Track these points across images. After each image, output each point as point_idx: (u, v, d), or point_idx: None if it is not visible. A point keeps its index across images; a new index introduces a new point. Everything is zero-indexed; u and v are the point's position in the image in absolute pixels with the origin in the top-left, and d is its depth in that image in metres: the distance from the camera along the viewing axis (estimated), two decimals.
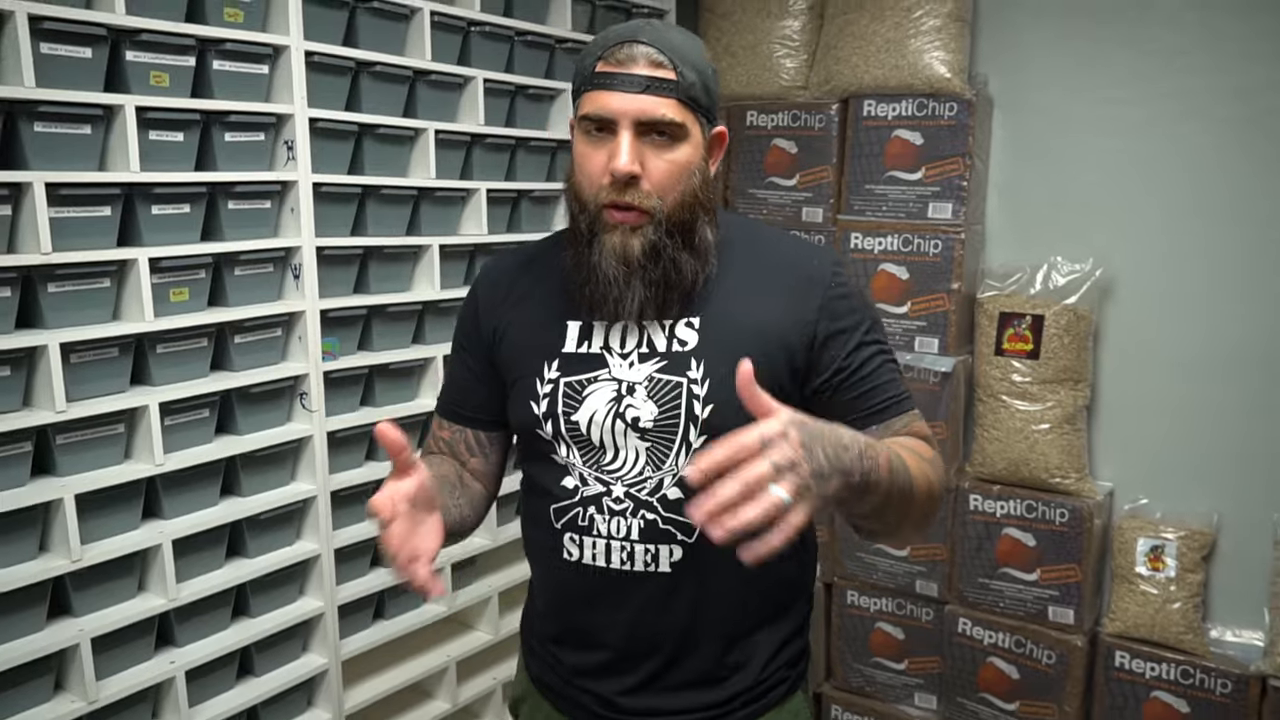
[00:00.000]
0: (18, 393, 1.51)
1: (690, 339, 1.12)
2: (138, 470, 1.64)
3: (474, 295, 1.26)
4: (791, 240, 1.23)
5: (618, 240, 1.07)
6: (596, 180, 1.07)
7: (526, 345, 1.18)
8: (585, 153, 1.08)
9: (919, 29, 2.40)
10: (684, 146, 1.07)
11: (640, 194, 1.06)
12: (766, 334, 1.11)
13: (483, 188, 2.19)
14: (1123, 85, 2.35)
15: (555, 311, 1.17)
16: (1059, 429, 2.36)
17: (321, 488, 1.92)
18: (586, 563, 1.15)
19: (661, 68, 1.04)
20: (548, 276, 1.20)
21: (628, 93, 1.04)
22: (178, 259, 1.68)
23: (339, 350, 1.96)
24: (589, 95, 1.07)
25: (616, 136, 1.05)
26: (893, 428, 1.13)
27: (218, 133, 1.72)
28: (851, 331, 1.13)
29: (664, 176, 1.06)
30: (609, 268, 1.07)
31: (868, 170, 2.53)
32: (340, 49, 1.87)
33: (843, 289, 1.14)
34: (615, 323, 1.12)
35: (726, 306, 1.12)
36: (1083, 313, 2.36)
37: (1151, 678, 2.30)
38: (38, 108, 1.47)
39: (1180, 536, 2.29)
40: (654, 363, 1.11)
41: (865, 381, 1.13)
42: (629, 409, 1.10)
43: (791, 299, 1.12)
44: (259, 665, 1.88)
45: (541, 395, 1.15)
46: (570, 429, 1.13)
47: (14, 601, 1.51)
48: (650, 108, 1.04)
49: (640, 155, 1.05)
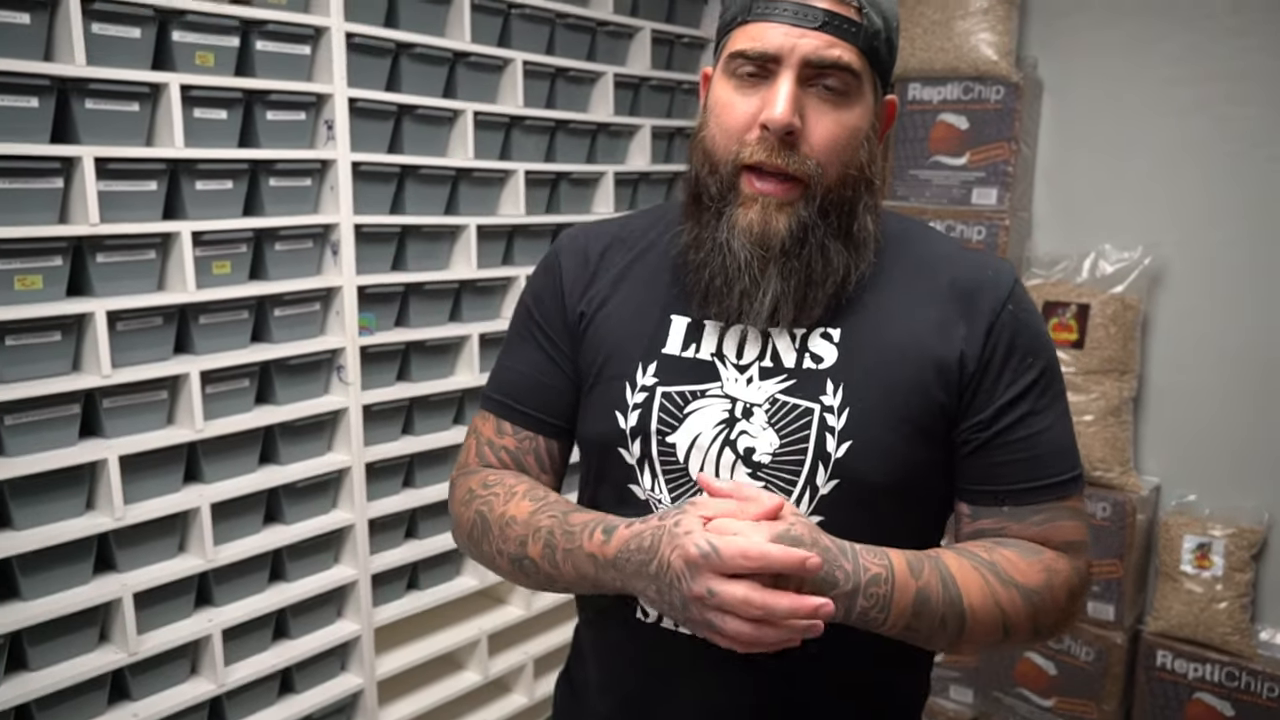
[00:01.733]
0: (67, 357, 1.59)
1: (828, 355, 0.89)
2: (179, 435, 1.71)
3: (554, 266, 1.01)
4: (959, 246, 0.98)
5: (757, 215, 0.85)
6: (739, 133, 0.85)
7: (617, 339, 0.95)
8: (728, 100, 0.86)
9: (966, 11, 2.36)
10: (857, 107, 0.86)
11: (796, 157, 0.84)
12: (923, 358, 0.87)
13: (521, 169, 2.22)
14: (1177, 67, 2.27)
15: (657, 300, 0.94)
16: (1103, 420, 2.31)
17: (356, 459, 1.97)
18: (666, 626, 0.92)
19: (846, 4, 0.84)
20: (649, 254, 0.98)
21: (800, 26, 0.83)
22: (220, 233, 1.75)
23: (376, 326, 2.01)
24: (745, 28, 0.85)
25: (774, 81, 0.84)
26: (1030, 517, 0.89)
27: (260, 111, 1.78)
28: (1021, 373, 0.88)
29: (829, 139, 0.85)
30: (741, 250, 0.85)
31: (912, 155, 2.49)
32: (381, 30, 1.91)
33: (1024, 314, 0.90)
34: (733, 324, 0.90)
35: (876, 318, 0.89)
36: (1130, 302, 2.29)
37: (1195, 679, 2.23)
38: (88, 85, 1.54)
39: (1228, 534, 2.22)
40: (779, 381, 0.89)
41: (1022, 446, 0.88)
42: (742, 436, 0.88)
43: (955, 315, 0.88)
44: (294, 629, 1.94)
45: (631, 405, 0.92)
46: (664, 453, 0.91)
47: (63, 555, 1.58)
48: (825, 48, 0.83)
49: (802, 107, 0.84)
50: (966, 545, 0.91)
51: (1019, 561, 0.87)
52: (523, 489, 0.94)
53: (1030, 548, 0.89)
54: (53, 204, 1.54)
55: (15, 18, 1.45)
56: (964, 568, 0.85)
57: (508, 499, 0.94)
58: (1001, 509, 0.90)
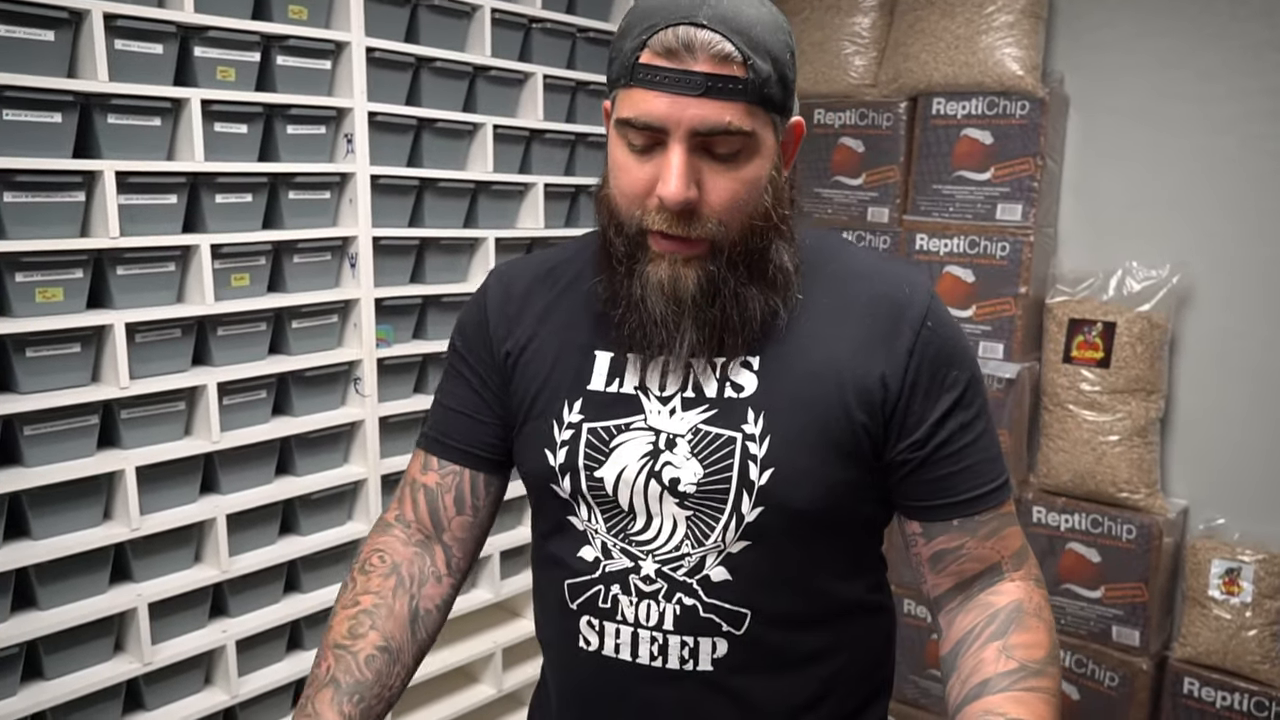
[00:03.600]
0: (86, 369, 1.60)
1: (748, 384, 0.89)
2: (196, 446, 1.72)
3: (481, 302, 1.01)
4: (875, 259, 0.97)
5: (665, 272, 0.85)
6: (638, 199, 0.84)
7: (543, 378, 0.95)
8: (624, 163, 0.85)
9: (990, 25, 2.33)
10: (755, 159, 0.84)
11: (697, 223, 0.83)
12: (843, 381, 0.87)
13: (540, 182, 2.22)
14: (1208, 82, 2.23)
15: (581, 337, 0.94)
16: (1129, 441, 2.26)
17: (372, 471, 1.98)
18: (608, 654, 0.93)
19: (728, 62, 0.79)
20: (572, 290, 0.97)
21: (681, 95, 0.80)
22: (239, 246, 1.76)
23: (393, 338, 2.01)
24: (629, 93, 0.82)
25: (666, 150, 0.82)
26: (979, 530, 0.91)
27: (280, 125, 1.79)
28: (948, 389, 0.89)
29: (728, 199, 0.83)
30: (655, 305, 0.86)
31: (935, 170, 2.47)
32: (401, 45, 1.92)
33: (942, 328, 0.90)
34: (655, 357, 0.90)
35: (794, 344, 0.89)
36: (1158, 320, 2.25)
37: (1223, 707, 2.18)
38: (110, 100, 1.56)
39: (1259, 560, 2.17)
40: (701, 411, 0.89)
41: (957, 459, 0.89)
42: (666, 468, 0.89)
43: (876, 337, 0.89)
44: (308, 639, 1.95)
45: (559, 443, 0.93)
46: (593, 487, 0.91)
47: (79, 565, 1.60)
48: (712, 115, 0.80)
49: (697, 173, 0.82)
50: (991, 652, 0.89)
51: (1028, 637, 0.88)
52: (364, 604, 0.95)
53: (1013, 613, 0.90)
54: (74, 217, 1.56)
55: (40, 35, 1.48)
56: (1027, 703, 0.84)
57: (347, 604, 0.95)
58: (952, 524, 0.91)
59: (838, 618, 0.95)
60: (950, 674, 0.90)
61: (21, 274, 1.51)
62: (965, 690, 0.87)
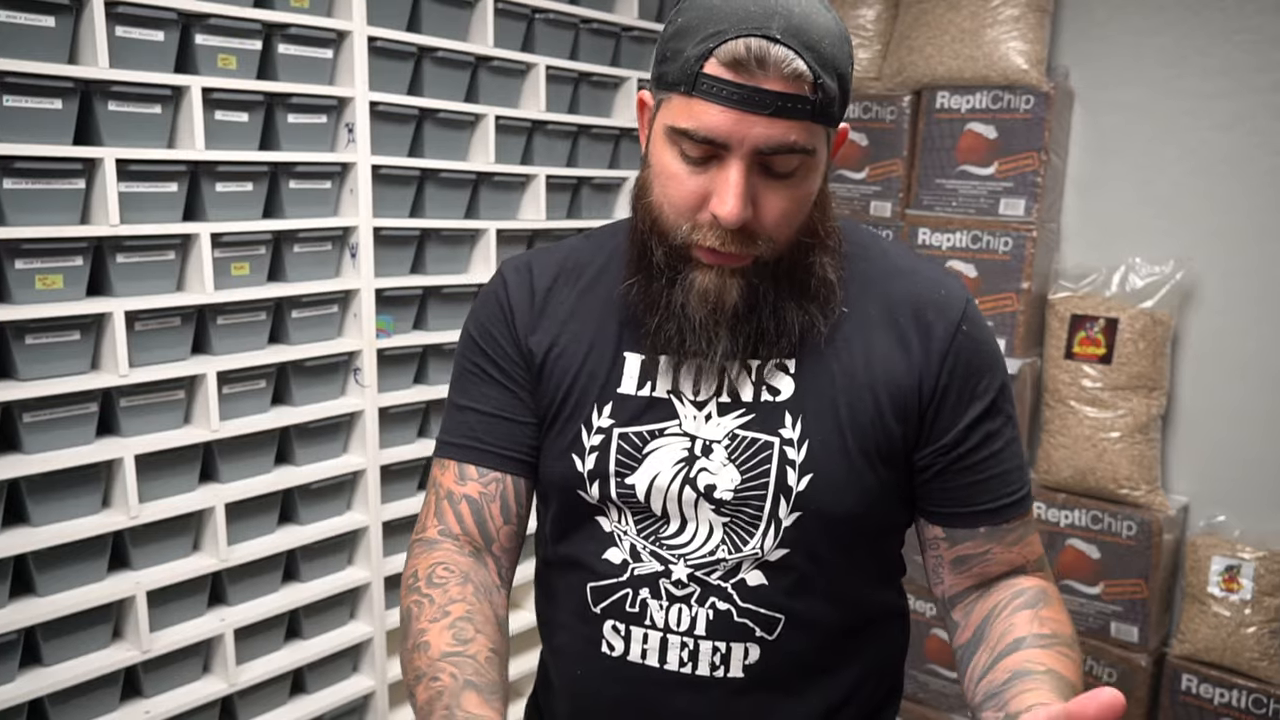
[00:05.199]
0: (86, 356, 1.60)
1: (785, 387, 0.87)
2: (195, 435, 1.72)
3: (501, 298, 0.95)
4: (909, 258, 0.95)
5: (712, 282, 0.82)
6: (688, 212, 0.81)
7: (570, 381, 0.91)
8: (675, 172, 0.81)
9: (996, 19, 2.32)
10: (809, 176, 0.81)
11: (749, 243, 0.81)
12: (876, 384, 0.86)
13: (542, 173, 2.21)
14: (1214, 78, 2.22)
15: (609, 338, 0.91)
16: (1130, 438, 2.26)
17: (372, 461, 1.98)
18: (633, 660, 0.90)
19: (799, 81, 0.76)
20: (595, 289, 0.94)
21: (750, 113, 0.76)
22: (239, 234, 1.76)
23: (393, 328, 2.01)
24: (689, 102, 0.78)
25: (724, 166, 0.78)
26: (1006, 538, 0.90)
27: (281, 114, 1.78)
28: (979, 395, 0.88)
29: (781, 216, 0.81)
30: (696, 313, 0.83)
31: (938, 164, 2.46)
32: (403, 34, 1.91)
33: (977, 330, 0.89)
34: (689, 360, 0.87)
35: (831, 347, 0.87)
36: (1161, 317, 2.24)
37: (1221, 704, 2.18)
38: (111, 87, 1.56)
39: (1259, 557, 2.16)
40: (737, 416, 0.87)
41: (985, 466, 0.88)
42: (702, 474, 0.87)
43: (909, 337, 0.87)
44: (306, 629, 1.95)
45: (588, 448, 0.89)
46: (623, 494, 0.88)
47: (78, 552, 1.60)
48: (778, 134, 0.76)
49: (753, 189, 0.79)
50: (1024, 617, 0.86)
51: (1059, 614, 0.88)
52: (456, 612, 0.85)
53: (1040, 593, 0.89)
54: (74, 204, 1.55)
55: (40, 20, 1.47)
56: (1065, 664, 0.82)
57: (436, 616, 0.85)
58: (979, 531, 0.90)
59: (866, 621, 0.94)
60: (977, 648, 0.88)
61: (21, 261, 1.50)
62: (998, 650, 0.84)
